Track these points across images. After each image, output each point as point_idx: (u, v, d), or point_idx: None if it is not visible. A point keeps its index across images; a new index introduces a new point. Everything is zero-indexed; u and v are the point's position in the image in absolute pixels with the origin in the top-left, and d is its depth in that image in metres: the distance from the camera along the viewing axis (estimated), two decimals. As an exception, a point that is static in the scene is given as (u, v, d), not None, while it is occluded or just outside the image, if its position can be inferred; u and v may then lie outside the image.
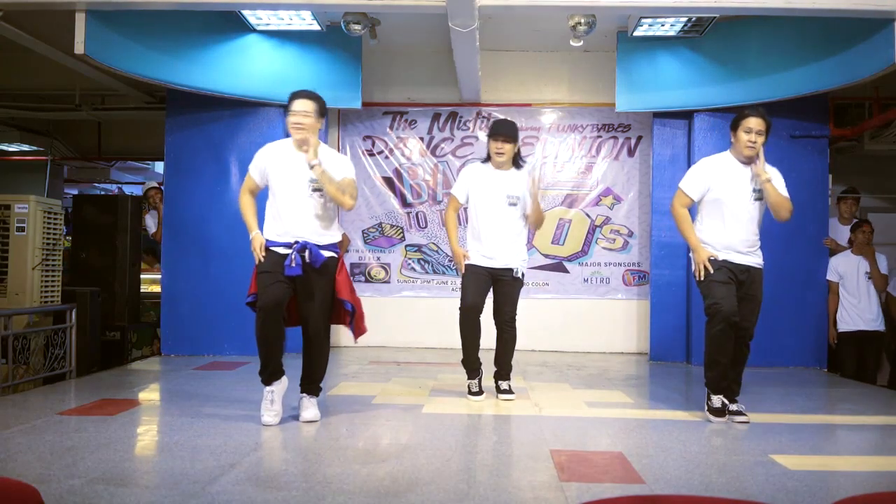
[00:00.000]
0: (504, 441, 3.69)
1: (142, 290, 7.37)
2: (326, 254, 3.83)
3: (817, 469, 3.22)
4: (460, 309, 4.58)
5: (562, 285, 7.30)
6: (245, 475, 2.93)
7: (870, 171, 8.22)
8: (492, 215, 4.52)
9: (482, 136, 7.32)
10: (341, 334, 6.82)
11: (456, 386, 5.09)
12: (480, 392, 4.64)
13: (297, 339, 4.06)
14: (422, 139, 7.39)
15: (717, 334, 4.04)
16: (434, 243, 7.38)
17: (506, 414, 4.27)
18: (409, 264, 7.38)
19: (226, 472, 2.95)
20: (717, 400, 4.11)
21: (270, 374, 3.83)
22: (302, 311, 3.87)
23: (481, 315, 4.59)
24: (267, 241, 3.85)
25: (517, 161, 4.62)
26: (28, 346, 5.69)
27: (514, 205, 4.52)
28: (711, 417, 4.09)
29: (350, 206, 3.88)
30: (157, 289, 7.25)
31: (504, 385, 4.67)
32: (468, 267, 4.58)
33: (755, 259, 4.14)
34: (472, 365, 4.65)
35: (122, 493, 2.67)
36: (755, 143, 4.02)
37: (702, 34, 6.24)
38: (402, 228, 7.39)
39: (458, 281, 7.30)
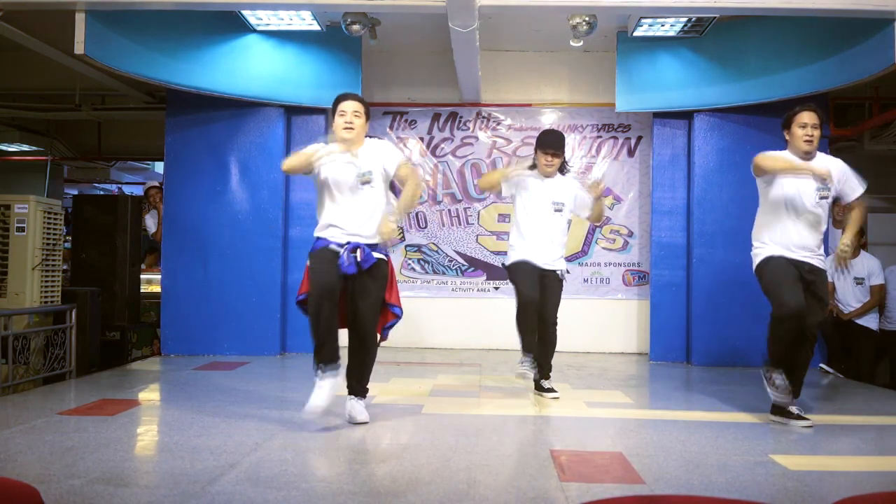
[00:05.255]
0: (504, 441, 3.68)
1: (142, 290, 7.37)
2: (377, 255, 3.82)
3: (817, 469, 3.22)
4: (519, 303, 4.59)
5: (562, 285, 7.29)
6: (245, 475, 2.92)
7: (870, 171, 8.17)
8: (539, 221, 4.65)
9: (482, 136, 7.33)
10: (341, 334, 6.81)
11: (456, 386, 5.10)
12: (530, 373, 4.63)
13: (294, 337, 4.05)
14: (422, 139, 7.39)
15: (784, 335, 3.91)
16: (434, 243, 7.38)
17: (506, 414, 4.27)
18: (409, 264, 7.38)
19: (226, 472, 2.95)
20: (780, 377, 3.92)
21: (324, 357, 3.70)
22: (352, 311, 3.85)
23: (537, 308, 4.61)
24: (320, 239, 3.82)
25: (562, 168, 4.75)
26: (28, 346, 5.69)
27: (560, 211, 4.67)
28: (778, 396, 3.92)
29: (422, 188, 3.94)
30: (157, 289, 7.26)
31: (547, 384, 4.78)
32: (517, 263, 4.64)
33: (819, 261, 4.08)
34: (530, 349, 4.62)
35: (122, 493, 2.67)
36: (812, 136, 4.03)
37: (702, 34, 6.25)
38: (402, 228, 7.38)
39: (459, 281, 7.38)
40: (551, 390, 4.76)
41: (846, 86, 5.84)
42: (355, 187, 3.80)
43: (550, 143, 4.67)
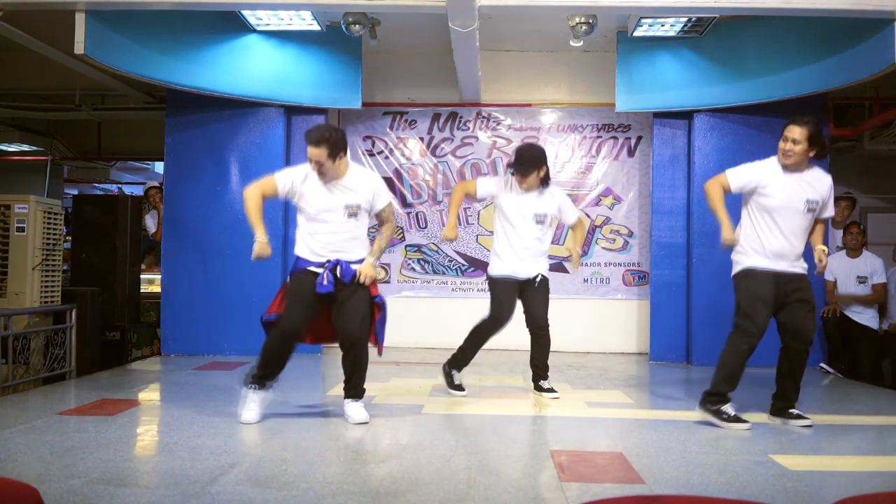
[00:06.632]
0: (504, 441, 3.68)
1: (142, 290, 7.37)
2: (356, 267, 3.86)
3: (817, 469, 3.23)
4: (492, 316, 4.64)
5: (562, 285, 7.29)
6: (245, 475, 2.93)
7: (870, 171, 8.22)
8: (520, 232, 4.63)
9: (482, 136, 7.33)
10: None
11: (456, 386, 5.09)
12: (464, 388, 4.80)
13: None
14: (422, 139, 7.39)
15: (746, 351, 3.94)
16: (434, 243, 7.38)
17: (506, 414, 4.27)
18: (409, 264, 7.38)
19: (226, 472, 2.96)
20: (731, 407, 3.97)
21: (260, 382, 3.91)
22: (337, 323, 3.87)
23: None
24: (300, 259, 3.88)
25: (545, 181, 4.71)
26: (28, 347, 5.69)
27: (542, 222, 4.65)
28: (731, 426, 3.90)
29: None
30: (157, 289, 7.25)
31: (546, 384, 4.80)
32: (499, 279, 4.67)
33: (800, 267, 4.04)
34: (464, 363, 4.78)
35: (122, 493, 2.67)
36: (791, 151, 3.92)
37: (702, 34, 6.25)
38: (401, 228, 7.38)
39: (459, 281, 7.38)
40: (551, 390, 4.76)
41: (846, 86, 5.84)
42: (342, 217, 3.83)
43: (518, 161, 4.59)
